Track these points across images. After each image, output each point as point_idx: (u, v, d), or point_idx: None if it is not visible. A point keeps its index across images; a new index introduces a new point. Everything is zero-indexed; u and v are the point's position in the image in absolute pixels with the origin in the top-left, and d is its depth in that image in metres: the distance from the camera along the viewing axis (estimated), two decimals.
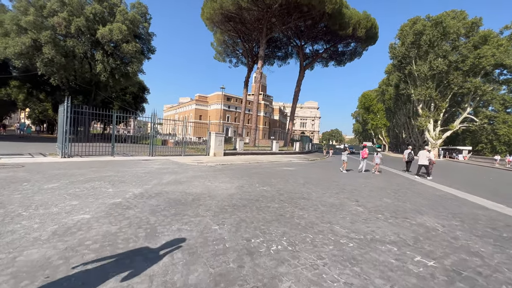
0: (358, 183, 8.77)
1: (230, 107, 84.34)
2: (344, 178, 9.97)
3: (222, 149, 18.52)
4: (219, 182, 7.31)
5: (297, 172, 11.25)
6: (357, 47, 34.58)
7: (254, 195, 5.75)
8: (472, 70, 38.03)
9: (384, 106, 73.01)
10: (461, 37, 38.57)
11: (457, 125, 43.25)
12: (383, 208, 5.22)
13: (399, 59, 44.78)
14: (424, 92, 42.10)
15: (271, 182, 7.85)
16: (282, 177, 9.40)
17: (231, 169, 11.18)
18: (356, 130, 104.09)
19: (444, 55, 39.34)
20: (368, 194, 6.69)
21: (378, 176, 11.94)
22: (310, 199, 5.71)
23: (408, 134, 62.54)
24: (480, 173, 18.53)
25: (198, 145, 22.95)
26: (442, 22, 37.68)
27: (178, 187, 6.30)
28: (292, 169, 12.65)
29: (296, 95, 35.45)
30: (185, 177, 7.91)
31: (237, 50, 41.63)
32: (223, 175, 9.08)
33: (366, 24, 27.74)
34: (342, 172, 12.53)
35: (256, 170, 11.48)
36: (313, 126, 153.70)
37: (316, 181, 8.67)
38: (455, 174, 16.08)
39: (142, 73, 25.99)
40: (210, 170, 10.42)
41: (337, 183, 8.55)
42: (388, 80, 70.14)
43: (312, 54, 38.03)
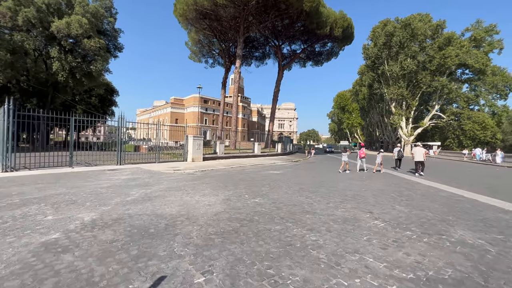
0: (357, 187, 7.95)
1: (208, 109, 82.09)
2: (339, 182, 9.14)
3: (201, 154, 17.04)
4: (200, 195, 6.01)
5: (287, 176, 10.24)
6: (334, 47, 34.85)
7: (246, 212, 4.56)
8: (438, 70, 40.25)
9: (358, 106, 75.48)
10: (427, 38, 40.69)
11: (427, 122, 45.55)
12: (404, 220, 4.32)
13: (372, 59, 46.25)
14: (396, 91, 43.78)
15: (262, 191, 6.72)
16: (272, 183, 8.30)
17: (213, 176, 9.86)
18: (332, 130, 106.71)
19: (413, 55, 41.24)
20: (375, 201, 5.81)
21: (371, 176, 11.33)
22: (315, 212, 4.66)
23: (381, 132, 65.13)
24: (456, 167, 19.03)
25: (175, 150, 21.14)
26: (411, 24, 39.46)
27: (148, 206, 4.91)
28: (280, 173, 11.63)
29: (276, 95, 34.82)
30: (158, 191, 6.49)
31: (213, 50, 40.17)
32: (204, 184, 7.77)
33: (342, 24, 27.87)
34: (339, 173, 12.19)
35: (241, 176, 10.28)
36: (291, 127, 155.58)
37: (312, 187, 7.69)
38: (435, 169, 16.16)
39: (109, 72, 23.55)
40: (188, 179, 9.02)
41: (334, 188, 7.64)
42: (361, 81, 72.60)
43: (290, 54, 37.72)
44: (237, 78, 26.89)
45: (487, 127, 37.10)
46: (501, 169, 18.48)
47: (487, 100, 38.66)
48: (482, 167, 20.24)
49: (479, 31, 37.11)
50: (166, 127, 19.11)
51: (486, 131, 37.34)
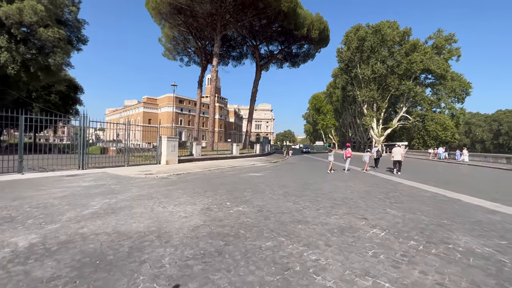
0: (342, 188, 7.69)
1: (183, 109, 79.41)
2: (323, 183, 8.84)
3: (176, 156, 15.94)
4: (175, 205, 5.23)
5: (269, 179, 9.73)
6: (310, 49, 35.35)
7: (230, 225, 3.93)
8: (405, 74, 42.84)
9: (332, 107, 78.04)
10: (395, 44, 43.12)
11: (395, 123, 48.27)
12: (402, 227, 4.00)
13: (346, 62, 47.95)
14: (368, 93, 45.81)
15: (245, 197, 6.11)
16: (254, 187, 7.73)
17: (189, 181, 9.03)
18: (307, 131, 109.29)
19: (383, 60, 43.47)
20: (365, 204, 5.51)
21: (353, 176, 11.26)
22: (307, 221, 4.17)
23: (354, 132, 67.93)
24: (425, 166, 20.10)
25: (147, 152, 19.68)
26: (381, 30, 41.53)
27: (109, 221, 4.05)
28: (261, 175, 11.10)
29: (254, 96, 34.40)
30: (125, 200, 5.58)
31: (188, 47, 38.68)
32: (179, 190, 6.95)
33: (319, 26, 28.28)
34: (328, 174, 12.25)
35: (220, 179, 9.56)
36: (268, 128, 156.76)
37: (297, 190, 7.25)
38: (408, 168, 16.80)
39: (70, 67, 21.28)
40: (161, 184, 8.11)
41: (320, 190, 7.28)
42: (335, 83, 75.16)
43: (267, 55, 37.57)
44: (214, 76, 25.97)
45: (448, 128, 40.22)
46: (465, 167, 19.85)
47: (447, 103, 41.98)
48: (448, 166, 21.62)
49: (440, 39, 40.18)
50: (138, 128, 17.66)
51: (447, 132, 40.45)
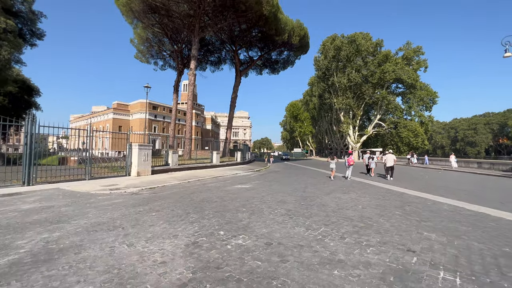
0: (348, 202, 6.68)
1: (157, 116, 75.53)
2: (323, 196, 7.79)
3: (149, 166, 14.05)
4: (147, 239, 3.75)
5: (260, 192, 8.46)
6: (290, 55, 35.29)
7: (234, 277, 2.60)
8: (379, 83, 44.69)
9: (309, 115, 79.44)
10: (369, 55, 44.98)
11: (370, 130, 49.94)
12: (470, 264, 2.99)
13: (323, 71, 48.96)
14: (344, 101, 46.98)
15: (241, 221, 4.78)
16: (247, 204, 6.42)
17: (165, 197, 7.44)
18: (284, 138, 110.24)
19: (358, 69, 45.03)
20: (393, 226, 4.49)
21: (349, 186, 10.40)
22: (341, 262, 2.98)
23: (330, 139, 69.39)
24: (407, 171, 20.27)
25: (116, 162, 17.36)
26: (355, 40, 43.10)
27: (36, 279, 2.51)
28: (249, 187, 9.80)
29: (233, 101, 33.21)
30: (73, 234, 3.96)
31: (164, 50, 36.67)
32: (153, 213, 5.42)
33: (299, 32, 28.18)
34: (330, 181, 12.37)
35: (203, 194, 8.08)
36: (245, 135, 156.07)
37: (299, 207, 6.09)
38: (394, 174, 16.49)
39: (21, 64, 18.37)
40: (130, 204, 6.46)
41: (327, 207, 6.17)
42: (311, 91, 76.86)
43: (247, 60, 36.82)
44: (192, 80, 24.36)
45: (419, 134, 42.33)
46: (448, 173, 20.31)
47: (417, 111, 44.38)
48: (428, 171, 22.09)
49: (409, 51, 42.67)
50: (107, 135, 15.29)
51: (417, 138, 42.54)
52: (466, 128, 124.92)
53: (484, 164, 23.06)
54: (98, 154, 61.11)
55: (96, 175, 12.56)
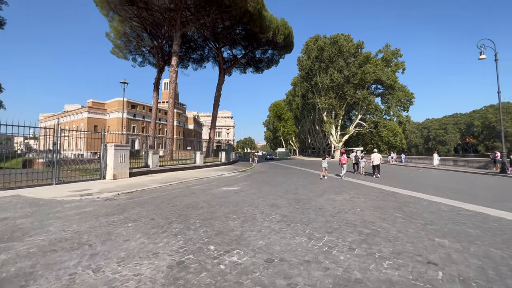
0: (345, 205, 6.31)
1: (136, 115, 72.34)
2: (317, 198, 7.39)
3: (126, 168, 12.98)
4: (120, 261, 3.04)
5: (250, 195, 7.90)
6: (274, 54, 35.02)
7: None
8: (360, 84, 45.80)
9: (292, 115, 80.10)
10: (351, 56, 45.97)
11: (352, 130, 51.13)
12: (497, 275, 2.64)
13: (306, 71, 49.35)
14: (327, 101, 47.67)
15: (233, 231, 4.19)
16: (237, 209, 5.83)
17: (144, 204, 6.65)
18: (267, 138, 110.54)
19: (340, 70, 45.88)
20: (401, 232, 4.12)
21: (340, 185, 10.14)
22: (360, 282, 2.51)
23: (313, 139, 70.35)
24: (391, 169, 20.69)
25: (90, 164, 15.94)
26: (338, 41, 43.82)
27: None
28: (237, 189, 9.20)
29: (217, 100, 32.31)
30: (25, 256, 3.16)
31: (143, 46, 34.88)
32: (129, 224, 4.68)
33: (284, 31, 27.94)
34: (320, 180, 12.43)
35: (187, 199, 7.37)
36: (228, 135, 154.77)
37: (294, 211, 5.60)
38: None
39: None
40: (102, 213, 5.63)
41: (324, 210, 5.74)
42: (294, 91, 77.54)
43: (231, 59, 36.07)
44: (173, 77, 23.22)
45: (397, 134, 43.93)
46: (424, 170, 20.94)
47: (395, 112, 46.05)
48: (408, 169, 22.73)
49: (388, 53, 44.13)
50: (80, 135, 13.83)
51: (396, 138, 44.13)
52: (437, 127, 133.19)
53: (459, 161, 24.16)
54: (71, 155, 57.19)
55: (66, 179, 11.33)
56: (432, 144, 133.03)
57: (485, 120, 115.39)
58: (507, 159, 16.88)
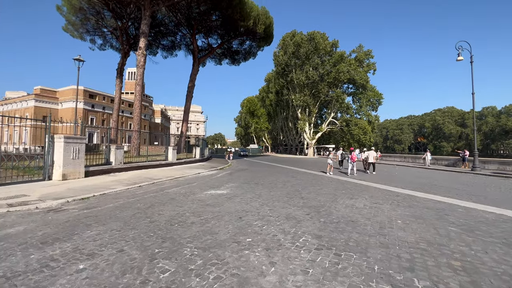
0: (380, 216, 5.10)
1: (96, 106, 64.96)
2: (332, 202, 6.15)
3: (81, 165, 10.42)
4: None
5: (249, 202, 6.33)
6: (252, 46, 33.40)
7: None
8: (333, 83, 46.56)
9: (265, 111, 79.47)
10: (326, 54, 46.39)
11: (325, 127, 52.03)
12: None
13: (283, 66, 48.66)
14: (302, 98, 47.63)
15: (263, 275, 2.63)
16: (247, 227, 4.25)
17: (106, 220, 4.68)
18: (238, 134, 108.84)
19: (316, 67, 46.04)
20: (498, 262, 2.96)
21: (349, 188, 9.08)
22: None
23: (285, 136, 70.56)
24: None
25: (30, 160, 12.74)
26: (314, 38, 43.78)
27: None
28: (228, 193, 7.55)
29: (190, 91, 29.73)
30: None
31: (103, 26, 30.57)
32: (79, 264, 2.83)
33: (265, 21, 26.49)
34: (329, 178, 12.03)
35: (168, 209, 5.54)
36: (198, 130, 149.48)
37: (326, 228, 4.21)
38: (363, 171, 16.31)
39: None
40: (36, 239, 3.61)
41: (364, 225, 4.41)
42: (268, 88, 76.83)
43: (205, 48, 33.54)
44: (141, 61, 20.28)
45: (367, 132, 45.66)
46: (401, 168, 21.34)
47: (365, 111, 47.88)
48: (387, 166, 23.07)
49: (361, 53, 45.45)
50: (26, 125, 10.45)
51: (366, 136, 45.87)
52: (394, 128, 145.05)
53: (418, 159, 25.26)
54: (12, 149, 48.91)
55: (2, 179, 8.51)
56: (389, 143, 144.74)
57: (434, 122, 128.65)
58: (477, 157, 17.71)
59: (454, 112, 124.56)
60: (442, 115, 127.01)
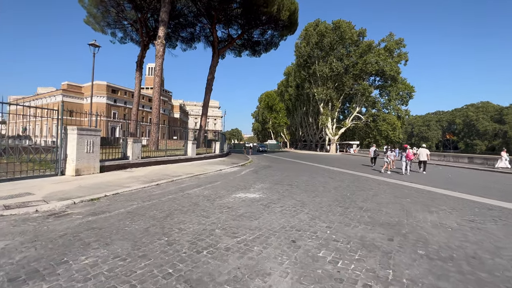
0: (477, 242, 3.50)
1: (118, 101, 66.43)
2: (411, 218, 4.58)
3: (95, 159, 9.51)
4: None
5: (294, 213, 4.89)
6: (274, 36, 31.57)
7: None
8: (359, 75, 43.44)
9: (284, 106, 77.26)
10: (352, 44, 43.31)
11: (349, 123, 49.11)
12: None
13: (305, 58, 46.22)
14: (325, 91, 45.06)
15: None
16: (292, 261, 2.84)
17: (111, 237, 3.45)
18: (255, 129, 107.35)
19: (341, 58, 43.17)
20: None
21: (413, 194, 7.38)
22: None
23: (304, 131, 68.01)
24: None
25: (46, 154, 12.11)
26: (340, 27, 40.90)
27: None
28: (261, 197, 6.17)
29: (210, 84, 28.65)
30: None
31: (124, 18, 30.23)
32: None
33: (290, 6, 24.57)
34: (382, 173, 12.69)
35: (190, 221, 4.25)
36: (216, 126, 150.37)
37: (420, 270, 2.75)
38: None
39: None
40: (15, 261, 2.41)
41: (495, 266, 2.88)
42: (287, 82, 74.38)
43: (225, 39, 32.23)
44: (160, 51, 19.35)
45: (396, 128, 42.35)
46: (448, 169, 18.87)
47: (394, 105, 44.34)
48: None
49: (391, 42, 41.84)
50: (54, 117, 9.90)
51: (395, 132, 42.58)
52: (420, 124, 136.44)
53: (475, 159, 22.41)
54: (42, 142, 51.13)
55: (6, 174, 7.73)
56: (414, 140, 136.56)
57: (466, 118, 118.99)
58: None
59: (490, 107, 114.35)
60: (476, 111, 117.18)
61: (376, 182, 9.42)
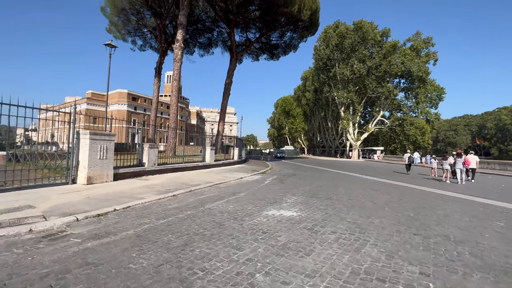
0: None
1: (137, 108, 68.15)
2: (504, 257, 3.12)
3: (109, 167, 8.73)
4: None
5: (347, 241, 3.64)
6: (293, 38, 30.51)
7: None
8: (383, 77, 41.07)
9: (301, 111, 75.42)
10: (375, 44, 41.21)
11: (372, 127, 46.52)
12: None
13: (324, 61, 44.66)
14: (346, 95, 43.05)
15: None
16: None
17: (102, 281, 2.36)
18: (271, 135, 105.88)
19: (363, 60, 41.16)
20: None
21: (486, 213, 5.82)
22: None
23: (323, 137, 65.66)
24: None
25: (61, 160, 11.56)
26: (362, 27, 39.11)
27: None
28: (301, 217, 4.92)
29: (228, 88, 27.96)
30: None
31: (143, 26, 30.65)
32: None
33: (311, 6, 23.44)
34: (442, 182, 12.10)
35: (209, 253, 3.10)
36: (231, 132, 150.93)
37: None
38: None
39: None
40: None
41: None
42: (304, 87, 72.76)
43: (242, 42, 31.64)
44: (178, 55, 18.88)
45: (426, 133, 39.33)
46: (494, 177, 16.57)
47: (423, 108, 41.36)
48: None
49: (418, 41, 39.31)
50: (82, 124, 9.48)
51: (424, 137, 39.55)
52: (447, 129, 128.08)
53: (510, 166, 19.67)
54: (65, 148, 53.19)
55: (12, 183, 7.07)
56: (440, 146, 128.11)
57: (499, 122, 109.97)
58: None
59: None
60: (510, 114, 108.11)
61: (431, 196, 7.81)
